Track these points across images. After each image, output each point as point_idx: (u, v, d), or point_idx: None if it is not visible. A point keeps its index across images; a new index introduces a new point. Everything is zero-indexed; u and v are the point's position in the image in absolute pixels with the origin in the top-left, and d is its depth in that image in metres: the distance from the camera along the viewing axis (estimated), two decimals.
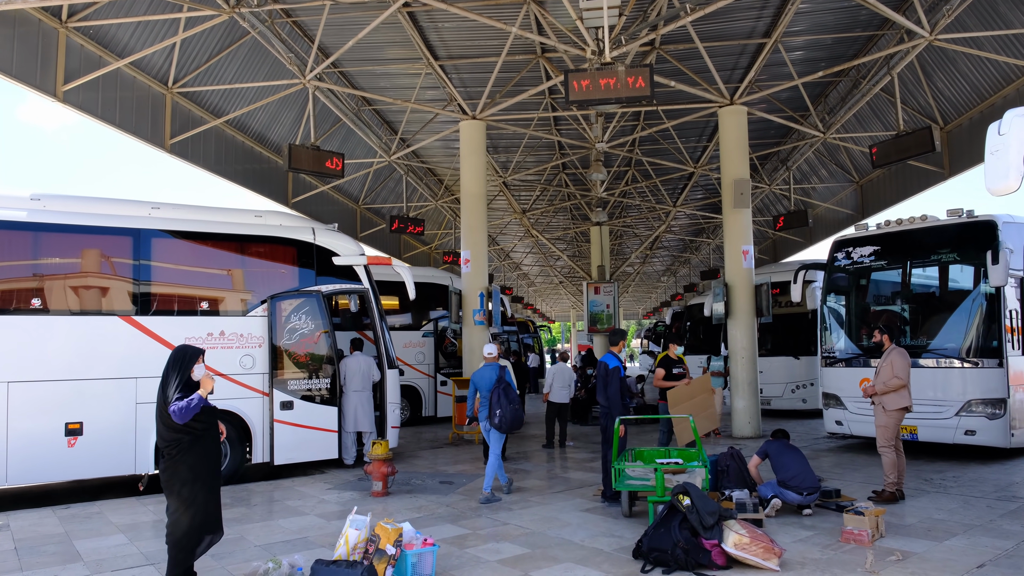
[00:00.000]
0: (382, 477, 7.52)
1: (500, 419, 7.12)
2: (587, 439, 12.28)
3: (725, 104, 12.32)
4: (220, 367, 8.58)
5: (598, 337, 24.36)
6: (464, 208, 12.95)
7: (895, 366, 6.82)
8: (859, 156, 18.12)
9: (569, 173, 20.87)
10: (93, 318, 8.15)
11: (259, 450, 8.79)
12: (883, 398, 6.86)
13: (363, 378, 9.52)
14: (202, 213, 9.15)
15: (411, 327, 15.18)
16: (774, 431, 6.94)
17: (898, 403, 6.81)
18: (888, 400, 6.82)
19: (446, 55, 13.21)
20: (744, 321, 11.90)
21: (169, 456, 4.48)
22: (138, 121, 11.13)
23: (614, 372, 6.86)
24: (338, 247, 9.65)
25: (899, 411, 6.82)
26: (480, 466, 9.50)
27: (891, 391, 6.81)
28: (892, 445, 6.79)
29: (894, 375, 6.80)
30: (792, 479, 6.19)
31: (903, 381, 6.79)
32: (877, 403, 6.95)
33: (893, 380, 6.79)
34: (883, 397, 6.86)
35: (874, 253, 10.06)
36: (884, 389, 6.84)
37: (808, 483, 6.18)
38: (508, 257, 34.39)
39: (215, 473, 4.71)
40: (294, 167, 10.76)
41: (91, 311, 8.19)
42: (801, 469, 6.23)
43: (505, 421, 7.13)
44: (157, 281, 8.57)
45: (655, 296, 53.91)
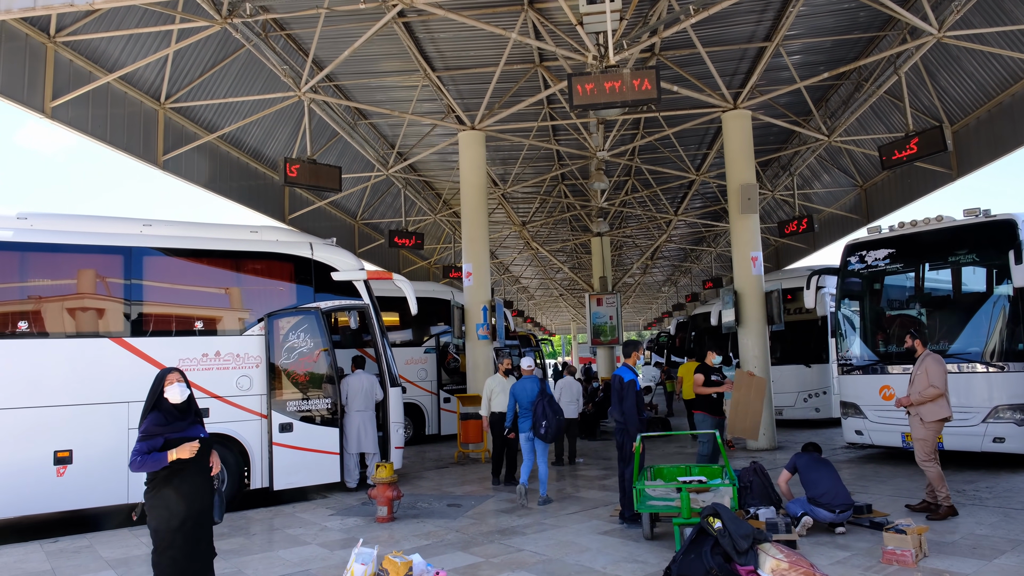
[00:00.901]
0: (387, 502, 7.15)
1: (546, 429, 7.51)
2: (596, 455, 11.91)
3: (729, 108, 12.09)
4: (216, 388, 8.26)
5: (601, 349, 24.03)
6: (465, 220, 12.66)
7: (931, 374, 6.37)
8: (862, 159, 17.91)
9: (569, 184, 20.63)
10: (83, 340, 7.82)
11: (257, 475, 8.42)
12: (920, 409, 6.44)
13: (365, 397, 9.16)
14: (196, 230, 8.85)
15: (412, 343, 14.86)
16: (805, 444, 6.57)
17: (937, 414, 6.35)
18: (926, 411, 6.39)
19: (443, 66, 12.99)
20: (755, 329, 11.59)
21: (147, 488, 4.14)
22: (130, 137, 10.85)
23: (629, 386, 6.53)
24: (337, 262, 9.34)
25: (938, 422, 6.39)
26: (488, 485, 9.15)
27: (928, 401, 6.37)
28: (934, 458, 6.36)
29: (930, 384, 6.35)
30: (823, 495, 5.83)
31: (940, 390, 6.34)
32: (914, 414, 6.54)
33: (930, 390, 6.35)
34: (920, 408, 6.44)
35: (889, 256, 9.76)
36: (921, 399, 6.40)
37: (840, 500, 5.83)
38: (508, 271, 34.10)
39: (204, 512, 4.29)
40: (290, 181, 10.47)
41: (81, 333, 7.86)
42: (833, 485, 5.87)
43: (551, 431, 7.54)
44: (149, 301, 8.24)
45: (655, 307, 53.60)
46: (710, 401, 7.78)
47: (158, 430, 4.18)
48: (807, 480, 5.96)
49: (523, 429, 7.92)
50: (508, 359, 9.48)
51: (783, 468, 6.28)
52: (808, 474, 5.98)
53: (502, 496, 8.42)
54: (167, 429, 4.23)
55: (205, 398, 8.20)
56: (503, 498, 8.31)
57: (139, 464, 4.02)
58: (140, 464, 4.02)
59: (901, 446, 9.09)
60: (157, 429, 4.18)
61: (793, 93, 14.76)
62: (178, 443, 4.16)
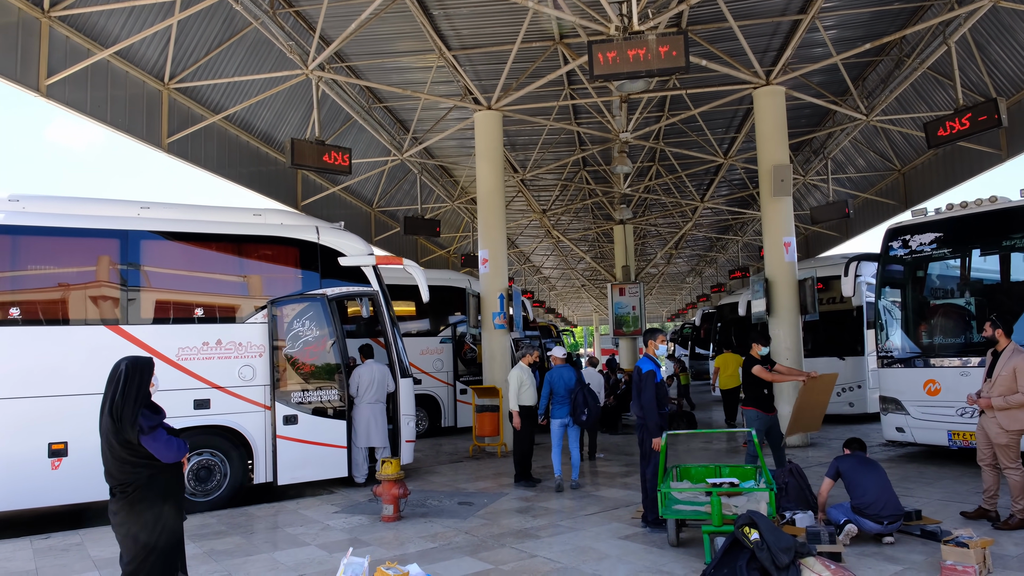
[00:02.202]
0: (393, 500, 6.70)
1: (588, 416, 7.98)
2: (618, 449, 11.38)
3: (761, 85, 11.38)
4: (217, 379, 7.89)
5: (624, 340, 23.43)
6: (481, 205, 12.15)
7: (1020, 375, 5.50)
8: (900, 141, 17.02)
9: (590, 170, 20.00)
10: (78, 328, 7.47)
11: (261, 469, 8.04)
12: (999, 414, 5.68)
13: (378, 388, 8.72)
14: (196, 213, 8.45)
15: (428, 333, 14.44)
16: (848, 440, 5.92)
17: (1019, 423, 5.57)
18: (1007, 419, 5.60)
19: (459, 45, 12.46)
20: (788, 319, 10.93)
21: (124, 495, 3.69)
22: (132, 118, 10.48)
23: (648, 377, 5.97)
24: (344, 247, 8.90)
25: (1020, 432, 5.63)
26: (503, 482, 8.68)
27: (1014, 408, 5.56)
28: (1018, 464, 5.63)
29: (1018, 388, 5.50)
30: (871, 505, 5.17)
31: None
32: (990, 416, 5.77)
33: (1016, 396, 5.52)
34: (999, 412, 5.68)
35: (935, 241, 9.04)
36: (1004, 406, 5.61)
37: (890, 509, 5.19)
38: (528, 260, 33.54)
39: (180, 512, 3.91)
40: (297, 163, 10.04)
41: (76, 320, 7.51)
42: (882, 492, 5.23)
43: (592, 417, 8.11)
44: (147, 287, 7.87)
45: (679, 298, 52.67)
46: (762, 397, 7.17)
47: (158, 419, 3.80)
48: (853, 485, 5.34)
49: (557, 416, 8.11)
50: (536, 351, 9.01)
51: (824, 475, 5.62)
52: (853, 478, 5.34)
53: (516, 494, 7.94)
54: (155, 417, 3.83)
55: (206, 388, 7.84)
56: (517, 496, 7.83)
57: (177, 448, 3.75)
58: (178, 447, 3.76)
59: (947, 445, 8.42)
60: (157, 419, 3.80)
61: (828, 71, 13.97)
62: None
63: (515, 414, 8.42)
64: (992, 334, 5.97)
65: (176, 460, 3.76)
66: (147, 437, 3.64)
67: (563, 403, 8.13)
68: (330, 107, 14.81)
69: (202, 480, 7.81)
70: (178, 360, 7.75)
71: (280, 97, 13.85)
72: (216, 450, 7.91)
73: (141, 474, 3.69)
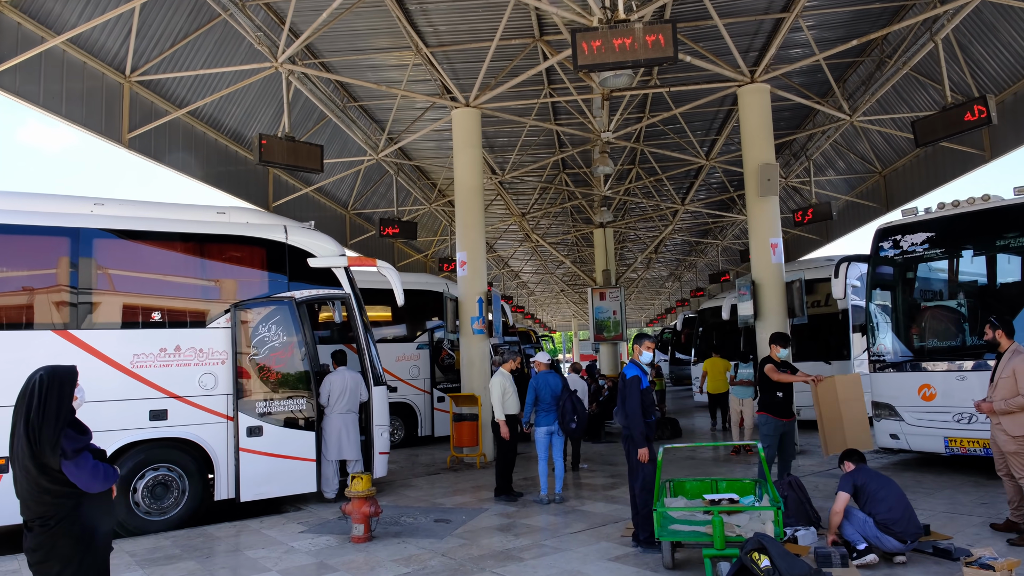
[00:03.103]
0: (364, 519, 6.21)
1: (577, 424, 7.62)
2: (602, 459, 10.97)
3: (745, 82, 11.12)
4: (175, 387, 7.34)
5: (604, 346, 23.09)
6: (459, 204, 11.71)
7: (1021, 378, 5.22)
8: (882, 144, 16.93)
9: (570, 173, 19.67)
10: (22, 333, 6.88)
11: (223, 484, 7.49)
12: (1004, 419, 5.37)
13: (350, 397, 8.21)
14: (155, 210, 7.90)
15: (404, 339, 13.95)
16: (848, 452, 5.49)
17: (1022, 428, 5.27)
18: (1012, 424, 5.29)
19: (436, 42, 12.04)
20: (775, 323, 10.62)
21: (44, 528, 3.17)
22: (90, 112, 9.84)
23: (632, 384, 5.57)
24: (314, 247, 8.39)
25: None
26: (482, 496, 8.22)
27: (1016, 411, 5.25)
28: None
29: (1020, 391, 5.22)
30: (897, 522, 4.76)
31: None
32: (995, 423, 5.48)
33: (1018, 399, 5.22)
34: (1004, 418, 5.37)
35: (927, 240, 8.79)
36: (1005, 409, 5.31)
37: (914, 527, 4.82)
38: (507, 265, 33.15)
39: (108, 543, 3.41)
40: (266, 160, 9.52)
41: (20, 324, 6.92)
42: (906, 508, 4.84)
43: (582, 425, 7.81)
44: (100, 289, 7.30)
45: (658, 303, 52.64)
46: (777, 401, 6.79)
47: (83, 441, 3.29)
48: (877, 500, 4.88)
49: (542, 424, 7.71)
50: (518, 357, 8.56)
51: (838, 490, 5.13)
52: (877, 493, 4.89)
53: (497, 509, 7.48)
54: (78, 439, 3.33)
55: (163, 398, 7.28)
56: (498, 511, 7.37)
57: (104, 475, 3.25)
58: (106, 475, 3.26)
59: (944, 452, 8.14)
60: (83, 440, 3.29)
61: (810, 72, 13.81)
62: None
63: (503, 424, 7.97)
64: (992, 336, 5.69)
65: (103, 489, 3.25)
66: (70, 463, 3.13)
67: (549, 411, 7.75)
68: (303, 105, 14.28)
69: (158, 497, 7.23)
70: (133, 367, 7.18)
71: (250, 94, 13.30)
72: (174, 464, 7.35)
73: (64, 505, 3.18)
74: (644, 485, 5.34)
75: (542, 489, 7.78)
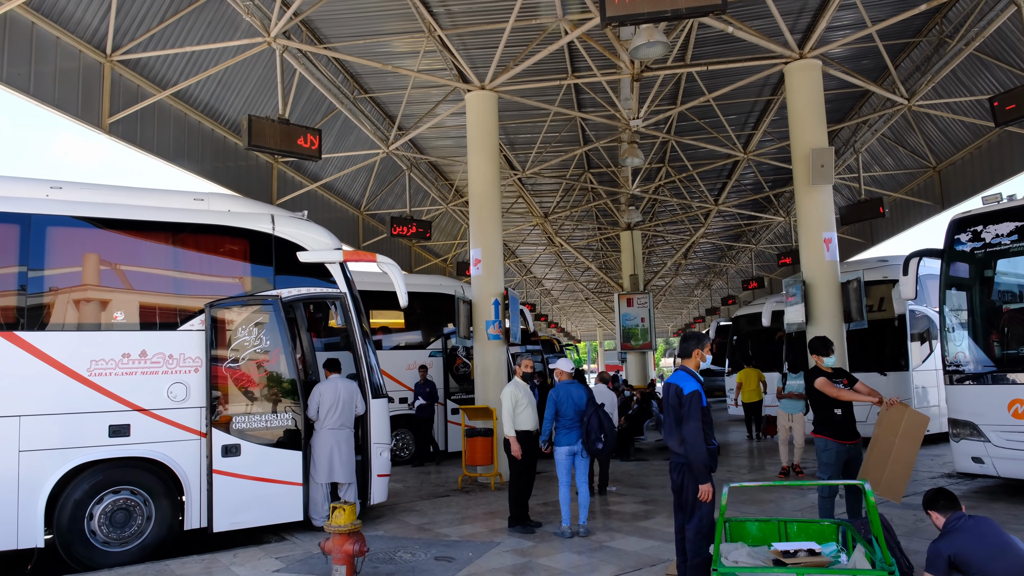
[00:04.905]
0: (346, 559, 5.12)
1: (606, 444, 6.59)
2: (632, 480, 9.77)
3: (793, 59, 9.91)
4: (140, 399, 6.36)
5: (632, 355, 21.85)
6: (473, 199, 10.65)
7: None
8: (936, 136, 15.53)
9: (595, 172, 18.54)
10: None
11: (194, 511, 6.47)
12: None
13: (343, 411, 7.14)
14: (121, 195, 6.95)
15: (416, 346, 12.92)
16: (933, 495, 3.96)
17: None
18: None
19: (450, 24, 11.05)
20: (829, 328, 9.35)
21: None
22: (63, 92, 8.96)
23: (692, 400, 4.39)
24: (305, 239, 7.38)
25: None
26: (495, 525, 7.09)
27: None
28: None
29: None
30: None
31: None
32: None
33: None
34: None
35: (1017, 232, 7.52)
36: None
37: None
38: (529, 272, 32.05)
39: None
40: (255, 144, 8.57)
41: None
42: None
43: (611, 444, 6.75)
44: (54, 285, 6.36)
45: (686, 312, 51.04)
46: (835, 420, 5.60)
47: None
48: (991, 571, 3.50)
49: (563, 443, 6.65)
50: (528, 360, 7.38)
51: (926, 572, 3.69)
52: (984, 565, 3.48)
53: (511, 544, 6.35)
54: None
55: (125, 411, 6.30)
56: (512, 547, 6.24)
57: None
58: None
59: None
60: None
61: (859, 55, 12.57)
62: None
63: (513, 440, 6.86)
64: None
65: None
66: None
67: (572, 427, 6.63)
68: (310, 96, 13.41)
69: (118, 525, 6.22)
70: (89, 375, 6.21)
71: (250, 81, 12.44)
72: (138, 487, 6.35)
73: None
74: (700, 528, 4.19)
75: (564, 519, 6.65)
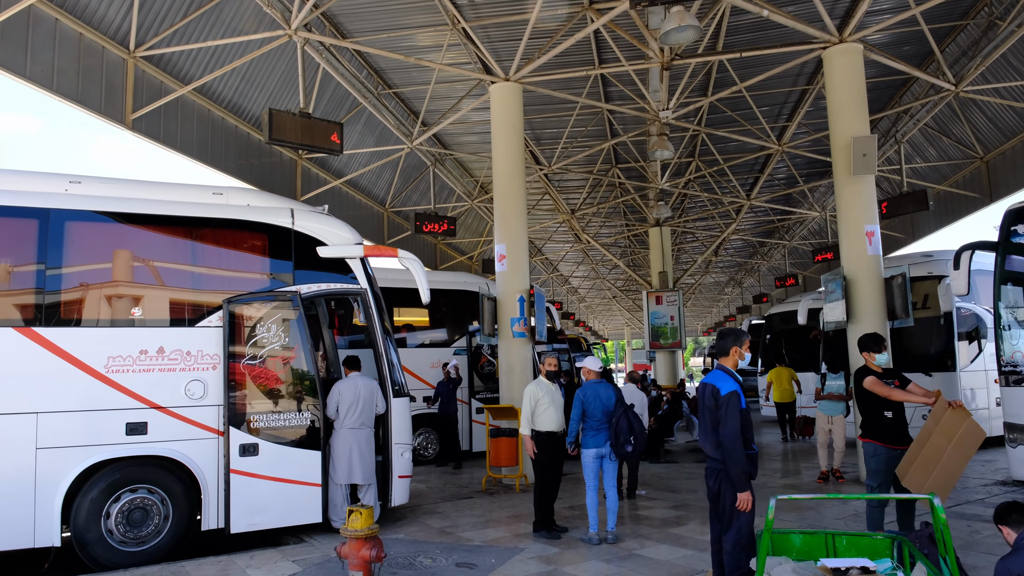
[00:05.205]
0: (363, 565, 4.90)
1: (635, 447, 6.28)
2: (662, 483, 9.43)
3: (833, 43, 9.45)
4: (157, 396, 6.23)
5: (661, 354, 21.41)
6: (497, 192, 10.40)
7: None
8: (984, 125, 14.83)
9: (623, 167, 18.15)
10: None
11: (211, 512, 6.33)
12: None
13: (363, 410, 6.94)
14: (140, 190, 6.84)
15: (442, 343, 12.73)
16: (1005, 509, 3.64)
17: None
18: None
19: (474, 15, 10.80)
20: (872, 326, 8.83)
21: None
22: (86, 87, 8.91)
23: (730, 401, 4.07)
24: (325, 234, 7.20)
25: None
26: (519, 529, 6.83)
27: None
28: None
29: None
30: None
31: None
32: None
33: None
34: None
35: None
36: None
37: None
38: (556, 270, 31.71)
39: None
40: (276, 138, 8.42)
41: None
42: None
43: (640, 447, 6.41)
44: (71, 280, 6.26)
45: (716, 311, 50.19)
46: (885, 424, 5.21)
47: None
48: None
49: (590, 445, 6.36)
50: (553, 358, 7.11)
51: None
52: None
53: (535, 550, 6.08)
54: None
55: (142, 409, 6.18)
56: (536, 553, 5.97)
57: None
58: None
59: None
60: None
61: (901, 41, 12.03)
62: None
63: (527, 440, 6.62)
64: None
65: None
66: None
67: (599, 429, 6.35)
68: (333, 92, 13.29)
69: (135, 524, 6.10)
70: (107, 372, 6.10)
71: (273, 78, 12.34)
72: (155, 486, 6.22)
73: None
74: (738, 540, 3.88)
75: (591, 525, 6.35)
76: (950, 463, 4.76)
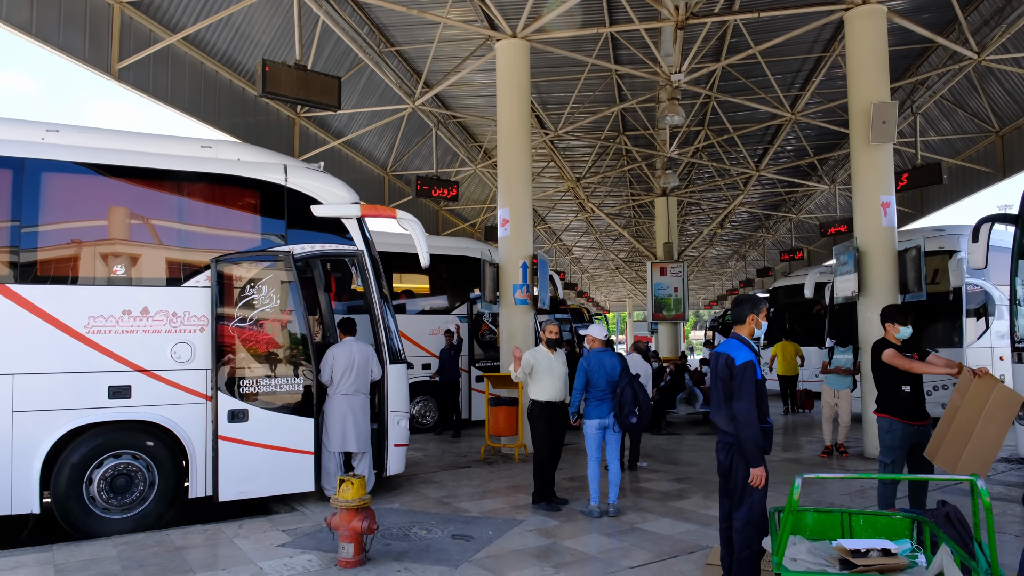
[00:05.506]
0: (354, 537, 4.69)
1: (640, 418, 6.03)
2: (664, 456, 9.25)
3: (856, 4, 9.00)
4: (141, 359, 5.96)
5: (664, 325, 21.17)
6: (502, 154, 10.03)
7: None
8: (1002, 99, 14.36)
9: (631, 134, 17.69)
10: None
11: (198, 479, 6.11)
12: None
13: (358, 375, 6.69)
14: (124, 140, 6.48)
15: (442, 310, 12.47)
16: None
17: None
18: None
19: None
20: (883, 299, 8.54)
21: None
22: (67, 32, 8.47)
23: (745, 371, 3.79)
24: (320, 192, 6.87)
25: None
26: (518, 500, 6.63)
27: None
28: None
29: None
30: None
31: None
32: None
33: None
34: None
35: None
36: None
37: None
38: (559, 239, 31.34)
39: None
40: (270, 91, 8.03)
41: None
42: None
43: (645, 419, 6.13)
44: (48, 235, 5.95)
45: (718, 284, 49.88)
46: (903, 398, 4.96)
47: None
48: None
49: (593, 416, 6.15)
50: (554, 325, 6.85)
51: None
52: None
53: (534, 522, 5.88)
54: None
55: (126, 372, 5.92)
56: (535, 526, 5.77)
57: None
58: None
59: None
60: None
61: (921, 8, 11.50)
62: None
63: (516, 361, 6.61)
64: None
65: None
66: None
67: (603, 399, 6.13)
68: (334, 49, 12.81)
69: (119, 491, 5.88)
70: (88, 333, 5.82)
71: (270, 31, 11.88)
72: (140, 452, 5.99)
73: None
74: (750, 518, 3.64)
75: (592, 497, 6.16)
76: (984, 436, 4.49)
